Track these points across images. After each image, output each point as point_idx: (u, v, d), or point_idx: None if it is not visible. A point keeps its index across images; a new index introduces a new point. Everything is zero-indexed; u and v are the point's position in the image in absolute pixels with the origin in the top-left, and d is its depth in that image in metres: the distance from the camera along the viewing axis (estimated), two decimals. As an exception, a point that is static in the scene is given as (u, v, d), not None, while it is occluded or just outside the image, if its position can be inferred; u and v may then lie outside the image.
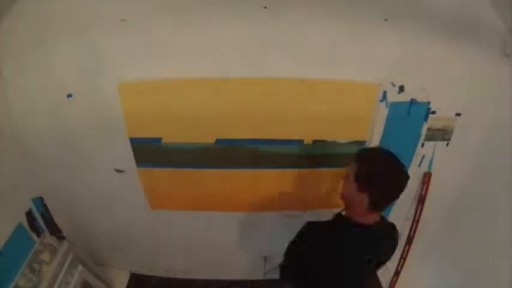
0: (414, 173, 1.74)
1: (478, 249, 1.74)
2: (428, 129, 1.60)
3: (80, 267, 1.70)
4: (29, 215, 1.52)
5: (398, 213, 1.87)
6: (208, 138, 1.52)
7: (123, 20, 1.27)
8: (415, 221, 1.92)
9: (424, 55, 1.40)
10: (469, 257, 1.79)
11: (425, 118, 1.56)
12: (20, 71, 1.39)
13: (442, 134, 1.64)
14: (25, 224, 1.48)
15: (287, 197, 1.75)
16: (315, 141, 1.55)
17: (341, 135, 1.55)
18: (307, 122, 1.49)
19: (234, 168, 1.62)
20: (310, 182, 1.70)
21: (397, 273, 2.09)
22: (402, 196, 0.94)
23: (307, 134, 1.54)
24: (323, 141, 1.56)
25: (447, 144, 1.68)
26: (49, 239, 1.61)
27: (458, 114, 1.58)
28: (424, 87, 1.47)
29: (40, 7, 1.28)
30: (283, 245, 1.14)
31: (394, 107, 1.49)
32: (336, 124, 1.51)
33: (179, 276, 2.24)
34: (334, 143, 1.56)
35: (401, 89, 1.46)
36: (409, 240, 1.99)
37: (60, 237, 1.74)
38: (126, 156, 1.59)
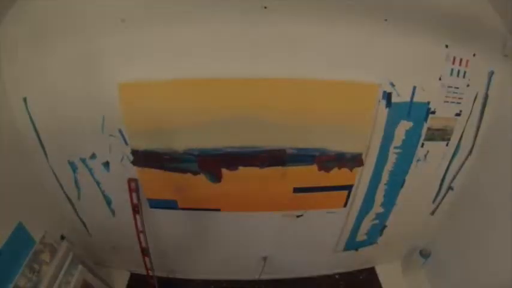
0: (414, 173, 1.74)
1: (478, 249, 1.74)
2: (428, 129, 1.60)
3: (80, 267, 1.70)
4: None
5: (399, 213, 1.87)
6: (212, 143, 1.52)
7: (123, 20, 1.27)
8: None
9: (423, 55, 1.40)
10: (469, 257, 1.80)
11: (425, 118, 1.56)
12: (19, 70, 1.38)
13: (442, 134, 1.64)
14: (25, 223, 1.48)
15: (287, 197, 1.75)
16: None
17: (341, 134, 1.55)
18: (306, 121, 1.49)
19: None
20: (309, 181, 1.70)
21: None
22: (402, 196, 0.94)
23: (306, 134, 1.53)
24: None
25: (447, 144, 1.68)
26: (49, 239, 1.61)
27: (458, 114, 1.58)
28: (424, 87, 1.47)
29: (40, 7, 1.27)
30: (283, 245, 1.14)
31: (394, 107, 1.49)
32: (335, 124, 1.51)
33: (179, 276, 2.24)
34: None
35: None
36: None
37: (60, 237, 1.74)
38: (125, 157, 1.58)
